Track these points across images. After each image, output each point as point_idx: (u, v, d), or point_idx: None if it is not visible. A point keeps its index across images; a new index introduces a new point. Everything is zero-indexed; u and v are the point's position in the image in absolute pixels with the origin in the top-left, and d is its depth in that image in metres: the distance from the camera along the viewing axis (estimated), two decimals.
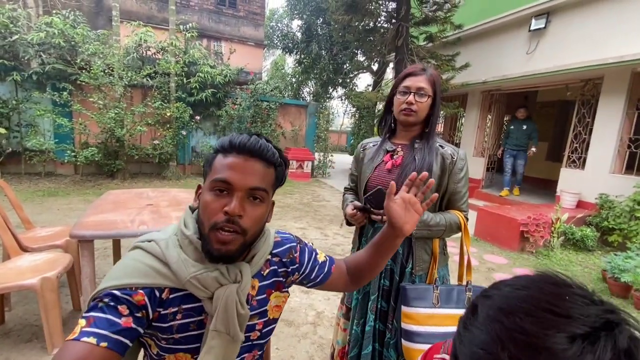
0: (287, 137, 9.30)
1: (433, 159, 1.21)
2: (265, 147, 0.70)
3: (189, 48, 7.90)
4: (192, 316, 0.69)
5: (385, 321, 1.28)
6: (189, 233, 0.70)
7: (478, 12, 6.77)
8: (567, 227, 4.32)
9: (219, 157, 0.70)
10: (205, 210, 0.67)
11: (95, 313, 0.60)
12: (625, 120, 4.79)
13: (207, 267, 0.68)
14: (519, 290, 0.36)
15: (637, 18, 4.46)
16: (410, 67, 1.25)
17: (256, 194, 0.68)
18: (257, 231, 0.72)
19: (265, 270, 0.79)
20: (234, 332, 0.68)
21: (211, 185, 0.68)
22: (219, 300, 0.67)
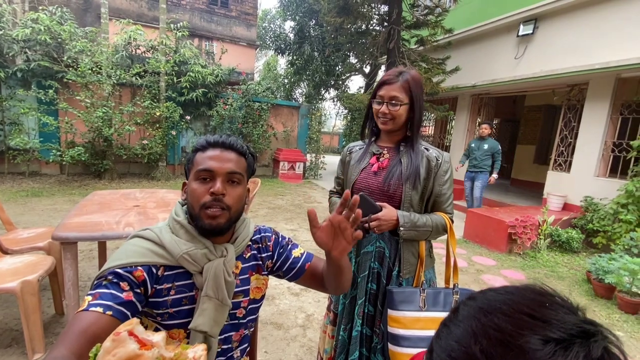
0: (279, 139, 9.27)
1: (419, 162, 1.21)
2: (235, 141, 0.85)
3: (180, 47, 7.81)
4: (184, 292, 0.79)
5: (372, 325, 1.27)
6: (180, 219, 0.83)
7: (468, 17, 6.87)
8: (554, 229, 4.40)
9: (199, 153, 0.84)
10: (193, 195, 0.80)
11: (100, 289, 0.70)
12: (610, 125, 4.91)
13: (197, 246, 0.79)
14: (502, 295, 0.36)
15: (621, 25, 4.58)
16: (386, 74, 1.23)
17: (234, 177, 0.82)
18: (239, 209, 0.84)
19: (247, 254, 0.91)
20: (222, 297, 0.79)
21: (196, 176, 0.81)
22: (208, 271, 0.78)
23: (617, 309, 3.01)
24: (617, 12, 4.64)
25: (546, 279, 3.63)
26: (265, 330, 2.20)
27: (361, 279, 1.27)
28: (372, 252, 1.26)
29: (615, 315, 2.91)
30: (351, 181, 1.30)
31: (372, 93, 1.26)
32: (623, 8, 4.58)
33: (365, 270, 1.26)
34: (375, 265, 1.26)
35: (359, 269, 1.29)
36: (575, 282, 3.56)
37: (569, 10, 5.21)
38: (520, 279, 3.56)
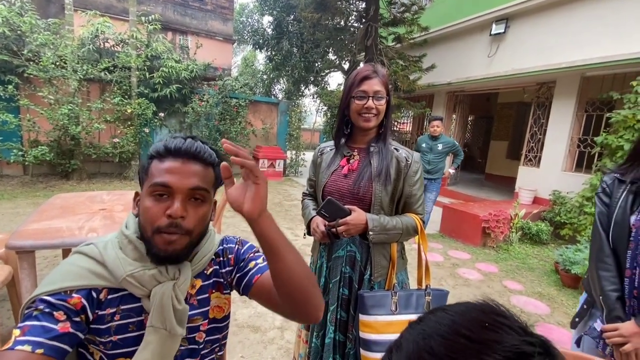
0: (258, 136, 9.12)
1: (389, 162, 1.20)
2: (201, 149, 0.71)
3: (152, 41, 7.50)
4: (130, 317, 0.69)
5: (346, 331, 1.24)
6: (128, 232, 0.71)
7: (443, 15, 6.99)
8: (524, 223, 4.57)
9: (155, 162, 0.70)
10: (146, 215, 0.68)
11: (30, 322, 0.59)
12: (575, 122, 5.15)
13: (145, 266, 0.69)
14: (448, 315, 0.34)
15: (586, 26, 4.79)
16: (363, 69, 1.20)
17: (197, 194, 0.69)
18: (202, 230, 0.73)
19: (209, 270, 0.80)
20: (171, 327, 0.68)
21: (150, 190, 0.68)
22: (154, 298, 0.67)
23: None
24: (583, 13, 4.85)
25: (518, 270, 3.77)
26: (242, 334, 2.16)
27: (333, 285, 1.24)
28: (343, 257, 1.24)
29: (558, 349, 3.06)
30: (321, 184, 1.28)
31: (349, 90, 1.20)
32: (588, 9, 4.78)
33: (337, 275, 1.23)
34: (346, 270, 1.23)
35: (330, 274, 1.26)
36: (544, 273, 3.71)
37: (538, 11, 5.40)
38: (494, 272, 3.68)
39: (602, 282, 1.08)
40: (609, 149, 4.24)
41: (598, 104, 4.92)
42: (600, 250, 1.10)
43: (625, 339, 1.01)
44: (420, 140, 4.41)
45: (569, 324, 2.70)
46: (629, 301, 1.05)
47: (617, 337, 1.03)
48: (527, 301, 3.06)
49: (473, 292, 3.21)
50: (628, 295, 1.05)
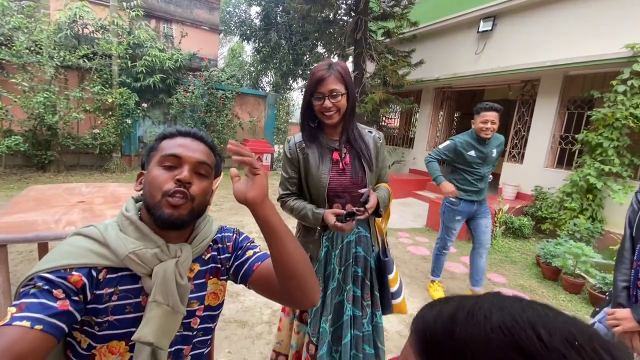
0: (245, 128, 8.97)
1: (370, 149, 1.37)
2: (206, 135, 0.80)
3: (134, 28, 7.22)
4: (128, 297, 0.70)
5: (360, 305, 1.38)
6: (129, 214, 0.74)
7: (432, 11, 7.00)
8: (508, 217, 4.68)
9: (166, 140, 0.77)
10: (155, 181, 0.71)
11: (27, 299, 0.58)
12: (558, 119, 5.28)
13: (147, 245, 0.70)
14: (566, 316, 0.31)
15: (570, 26, 4.89)
16: (318, 69, 1.25)
17: (202, 168, 0.75)
18: (204, 203, 0.77)
19: (207, 255, 0.82)
20: (174, 303, 0.69)
21: (160, 161, 0.73)
22: (157, 274, 0.69)
23: (563, 290, 3.27)
24: (568, 13, 4.94)
25: (501, 263, 3.86)
26: (229, 329, 2.12)
27: (345, 267, 1.37)
28: (353, 240, 1.39)
29: (561, 296, 3.16)
30: (324, 183, 1.32)
31: (308, 92, 1.27)
32: (573, 9, 4.88)
33: (350, 258, 1.37)
34: (359, 251, 1.39)
35: (341, 259, 1.38)
36: (526, 266, 3.82)
37: (524, 9, 5.47)
38: None
39: (615, 273, 1.20)
40: (589, 146, 4.37)
41: (579, 102, 5.05)
42: (622, 245, 1.21)
43: (617, 322, 1.12)
44: (459, 145, 2.64)
45: None
46: (632, 290, 1.14)
47: (612, 320, 1.14)
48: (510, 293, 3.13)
49: (459, 286, 3.27)
50: (632, 285, 1.14)
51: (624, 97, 4.05)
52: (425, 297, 2.96)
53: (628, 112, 4.00)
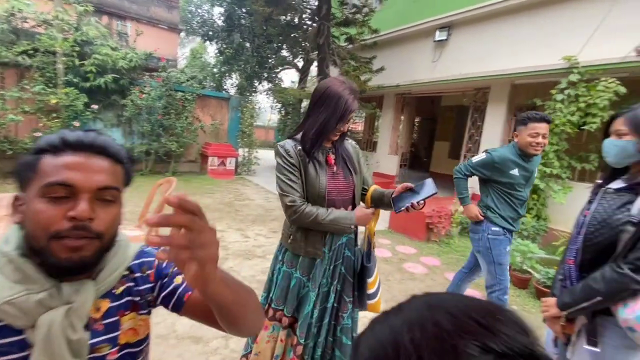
0: (207, 132, 8.67)
1: (352, 154, 1.49)
2: (109, 143, 0.62)
3: (83, 24, 6.73)
4: (10, 352, 0.56)
5: (340, 299, 1.47)
6: (8, 249, 0.58)
7: (393, 20, 7.25)
8: (463, 218, 4.92)
9: (47, 158, 0.57)
10: (38, 220, 0.55)
11: None
12: (507, 125, 5.67)
13: (30, 289, 0.55)
14: (456, 297, 0.33)
15: (518, 37, 5.28)
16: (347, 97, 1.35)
17: (106, 194, 0.59)
18: (114, 234, 0.63)
19: (119, 288, 0.68)
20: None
21: (43, 192, 0.55)
22: (40, 329, 0.55)
23: (512, 286, 3.47)
24: (514, 25, 5.34)
25: (458, 262, 4.04)
26: (182, 346, 2.00)
27: (335, 267, 1.45)
28: (345, 242, 1.47)
29: (511, 292, 3.35)
30: (323, 185, 1.37)
31: (337, 117, 1.31)
32: (519, 22, 5.28)
33: (340, 258, 1.45)
34: (348, 253, 1.47)
35: (332, 258, 1.44)
36: None
37: (476, 21, 5.84)
38: (437, 265, 3.90)
39: (558, 268, 1.34)
40: None
41: (525, 109, 5.46)
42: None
43: (547, 309, 1.24)
44: (498, 160, 2.12)
45: None
46: (565, 282, 1.27)
47: (544, 307, 1.27)
48: (466, 292, 3.28)
49: (418, 286, 3.36)
50: (566, 277, 1.26)
51: (562, 105, 4.44)
52: (385, 298, 3.01)
53: (566, 119, 4.39)
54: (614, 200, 1.17)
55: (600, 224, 1.16)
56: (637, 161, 1.14)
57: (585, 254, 1.19)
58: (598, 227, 1.16)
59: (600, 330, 1.15)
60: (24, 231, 0.58)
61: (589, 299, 1.09)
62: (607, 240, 1.13)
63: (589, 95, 4.23)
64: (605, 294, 1.05)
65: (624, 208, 1.12)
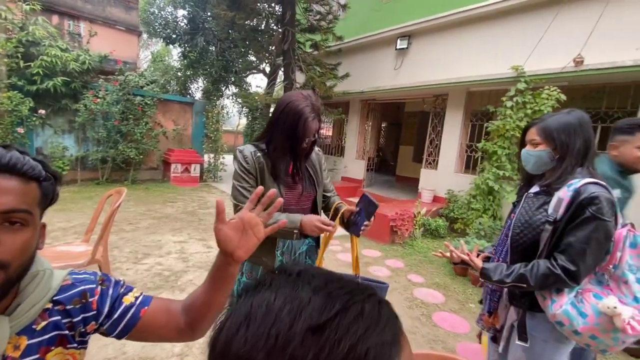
0: (169, 138, 8.33)
1: (315, 163, 1.48)
2: (19, 160, 0.57)
3: (29, 24, 6.25)
4: None
5: None
6: None
7: (356, 27, 7.41)
8: (425, 220, 5.09)
9: None
10: None
11: None
12: (464, 130, 5.96)
13: None
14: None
15: (474, 47, 5.57)
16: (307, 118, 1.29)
17: (13, 217, 0.55)
18: (24, 263, 0.58)
19: (40, 324, 0.62)
20: None
21: None
22: None
23: (471, 284, 3.63)
24: (469, 35, 5.64)
25: (420, 264, 4.16)
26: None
27: None
28: (305, 251, 1.47)
29: (469, 290, 3.51)
30: (280, 194, 1.36)
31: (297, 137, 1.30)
32: (474, 32, 5.57)
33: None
34: (309, 261, 1.48)
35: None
36: (441, 265, 4.17)
37: (434, 30, 6.10)
38: (400, 267, 3.99)
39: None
40: (488, 153, 5.01)
41: (480, 115, 5.78)
42: None
43: (465, 257, 1.39)
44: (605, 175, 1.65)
45: (459, 310, 3.07)
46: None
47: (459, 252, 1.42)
48: (427, 292, 3.38)
49: None
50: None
51: (511, 111, 4.74)
52: None
53: (515, 124, 4.69)
54: (533, 203, 1.26)
55: (523, 225, 1.24)
56: (552, 167, 1.24)
57: (513, 254, 1.27)
58: (522, 229, 1.25)
59: (531, 325, 1.23)
60: None
61: (515, 281, 1.18)
62: (530, 240, 1.22)
63: (535, 102, 4.55)
64: (535, 284, 1.14)
65: (542, 209, 1.21)
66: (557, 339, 1.19)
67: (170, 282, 3.00)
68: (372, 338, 0.27)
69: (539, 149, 1.24)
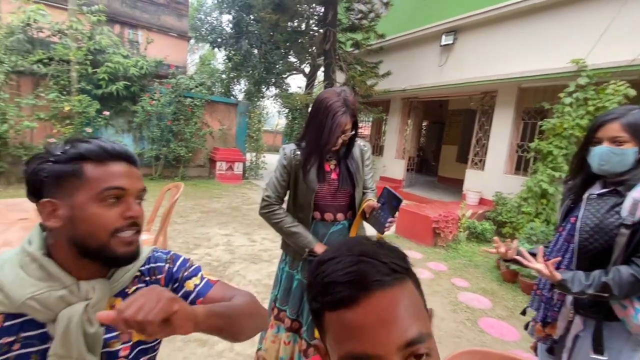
0: (215, 137, 8.78)
1: (358, 159, 1.47)
2: (133, 152, 0.72)
3: (95, 33, 6.92)
4: (33, 345, 0.62)
5: None
6: (32, 249, 0.63)
7: (399, 24, 7.28)
8: (471, 222, 4.87)
9: (89, 165, 0.64)
10: (99, 221, 0.63)
11: None
12: (514, 128, 5.61)
13: (51, 286, 0.61)
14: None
15: (524, 41, 5.24)
16: (338, 112, 1.31)
17: (142, 195, 0.71)
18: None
19: (132, 288, 0.73)
20: (79, 355, 0.61)
21: (103, 196, 0.63)
22: (59, 323, 0.60)
23: (521, 292, 3.43)
24: (520, 29, 5.31)
25: (465, 268, 4.00)
26: (188, 349, 2.03)
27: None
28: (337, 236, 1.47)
29: (519, 297, 3.31)
30: (312, 189, 1.39)
31: (328, 132, 1.31)
32: (525, 25, 5.24)
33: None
34: None
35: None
36: (488, 269, 3.98)
37: (482, 25, 5.82)
38: (443, 270, 3.86)
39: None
40: (542, 154, 4.67)
41: (533, 113, 5.41)
42: None
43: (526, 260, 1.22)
44: None
45: (507, 317, 2.91)
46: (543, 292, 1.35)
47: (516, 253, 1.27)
48: (472, 297, 3.25)
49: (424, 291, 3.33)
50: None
51: (570, 108, 4.38)
52: None
53: (574, 123, 4.33)
54: (600, 205, 1.15)
55: (593, 230, 1.13)
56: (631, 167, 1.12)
57: (581, 261, 1.17)
58: (592, 234, 1.14)
59: (605, 336, 1.14)
60: (74, 231, 0.63)
61: (598, 292, 1.06)
62: (602, 246, 1.12)
63: (598, 99, 4.17)
64: (620, 293, 1.04)
65: (613, 211, 1.11)
66: (632, 348, 1.11)
67: (218, 272, 3.18)
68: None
69: (626, 147, 1.10)
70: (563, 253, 1.25)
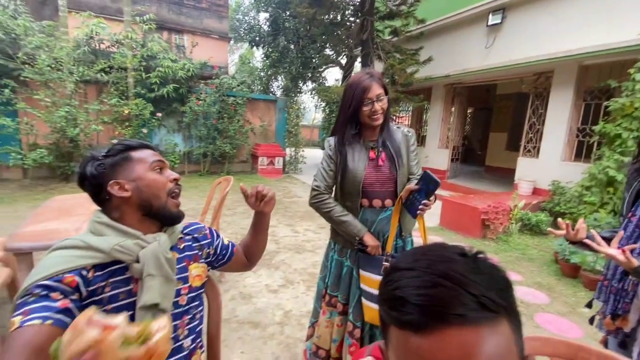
0: (256, 133, 9.11)
1: (400, 146, 1.46)
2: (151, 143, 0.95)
3: (147, 41, 7.47)
4: (120, 287, 0.78)
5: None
6: (103, 219, 0.81)
7: (439, 7, 6.93)
8: (524, 214, 4.57)
9: (133, 152, 0.86)
10: (156, 185, 0.84)
11: (29, 306, 0.64)
12: (574, 111, 5.12)
13: (127, 238, 0.79)
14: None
15: (583, 14, 4.75)
16: (360, 80, 1.37)
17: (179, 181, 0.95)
18: None
19: (181, 245, 0.94)
20: (166, 273, 0.81)
21: (153, 166, 0.86)
22: (145, 255, 0.78)
23: (583, 287, 3.17)
24: (578, 3, 4.80)
25: (517, 261, 3.77)
26: (242, 330, 2.17)
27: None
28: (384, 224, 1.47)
29: (581, 293, 3.06)
30: (359, 177, 1.43)
31: (355, 100, 1.37)
32: None
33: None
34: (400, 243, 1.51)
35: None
36: (544, 263, 3.72)
37: (534, 0, 5.35)
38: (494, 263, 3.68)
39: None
40: (608, 137, 4.22)
41: (596, 93, 4.89)
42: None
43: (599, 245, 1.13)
44: None
45: (568, 313, 2.72)
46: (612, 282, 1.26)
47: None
48: (527, 291, 3.07)
49: None
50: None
51: None
52: None
53: None
54: None
55: None
56: None
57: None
58: None
59: None
60: (140, 196, 0.82)
61: None
62: None
63: None
64: None
65: None
66: None
67: (265, 260, 3.33)
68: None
69: None
70: (634, 240, 1.15)
